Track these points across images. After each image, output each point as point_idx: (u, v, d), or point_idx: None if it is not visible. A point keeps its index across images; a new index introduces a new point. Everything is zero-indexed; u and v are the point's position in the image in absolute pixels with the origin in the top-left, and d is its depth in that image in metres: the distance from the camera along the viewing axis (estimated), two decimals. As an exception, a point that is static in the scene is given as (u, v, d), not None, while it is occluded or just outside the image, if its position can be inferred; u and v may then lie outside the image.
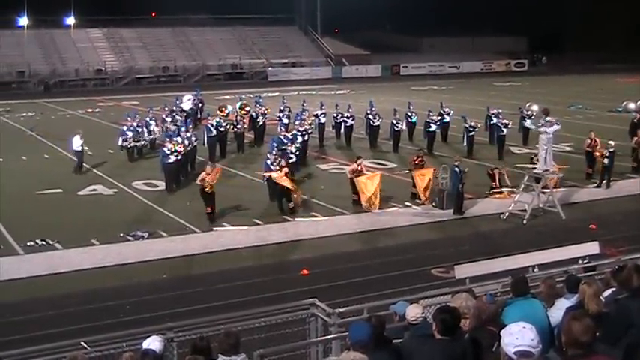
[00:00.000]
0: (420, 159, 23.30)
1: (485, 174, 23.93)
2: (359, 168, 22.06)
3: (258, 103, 34.20)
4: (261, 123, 32.55)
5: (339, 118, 32.43)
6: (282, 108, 33.49)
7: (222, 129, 29.37)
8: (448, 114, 32.05)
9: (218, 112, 32.60)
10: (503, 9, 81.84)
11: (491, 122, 30.66)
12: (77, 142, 26.70)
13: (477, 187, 23.10)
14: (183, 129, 27.23)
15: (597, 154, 24.61)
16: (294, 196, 21.29)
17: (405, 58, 78.40)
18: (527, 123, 26.89)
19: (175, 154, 23.68)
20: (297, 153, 25.44)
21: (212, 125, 28.98)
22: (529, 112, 31.99)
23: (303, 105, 33.26)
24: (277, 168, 21.66)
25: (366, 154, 28.02)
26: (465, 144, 29.80)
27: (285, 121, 31.03)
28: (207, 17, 76.13)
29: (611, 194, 23.39)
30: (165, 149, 23.87)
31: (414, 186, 22.47)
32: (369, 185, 21.54)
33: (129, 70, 68.12)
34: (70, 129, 34.04)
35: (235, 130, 30.24)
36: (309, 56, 75.53)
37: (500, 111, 30.61)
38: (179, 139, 24.81)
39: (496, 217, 20.81)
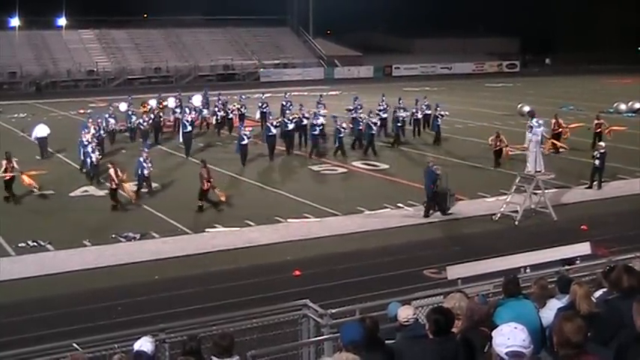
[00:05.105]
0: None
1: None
2: None
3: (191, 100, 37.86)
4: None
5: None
6: (284, 103, 36.41)
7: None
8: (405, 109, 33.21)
9: (141, 108, 35.35)
10: (494, 10, 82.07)
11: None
12: (44, 130, 29.60)
13: (467, 189, 23.16)
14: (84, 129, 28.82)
15: (562, 130, 30.33)
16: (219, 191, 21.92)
17: (397, 59, 78.50)
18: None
19: (99, 148, 26.81)
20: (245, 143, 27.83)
21: (187, 122, 30.68)
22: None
23: (320, 98, 36.32)
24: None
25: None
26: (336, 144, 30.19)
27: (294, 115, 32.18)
28: (199, 18, 76.00)
29: (602, 195, 23.47)
30: (90, 146, 25.68)
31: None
32: None
33: (120, 71, 67.98)
34: (61, 130, 34.00)
35: (141, 126, 32.07)
36: (301, 57, 75.53)
37: (379, 112, 32.47)
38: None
39: (488, 218, 20.83)
